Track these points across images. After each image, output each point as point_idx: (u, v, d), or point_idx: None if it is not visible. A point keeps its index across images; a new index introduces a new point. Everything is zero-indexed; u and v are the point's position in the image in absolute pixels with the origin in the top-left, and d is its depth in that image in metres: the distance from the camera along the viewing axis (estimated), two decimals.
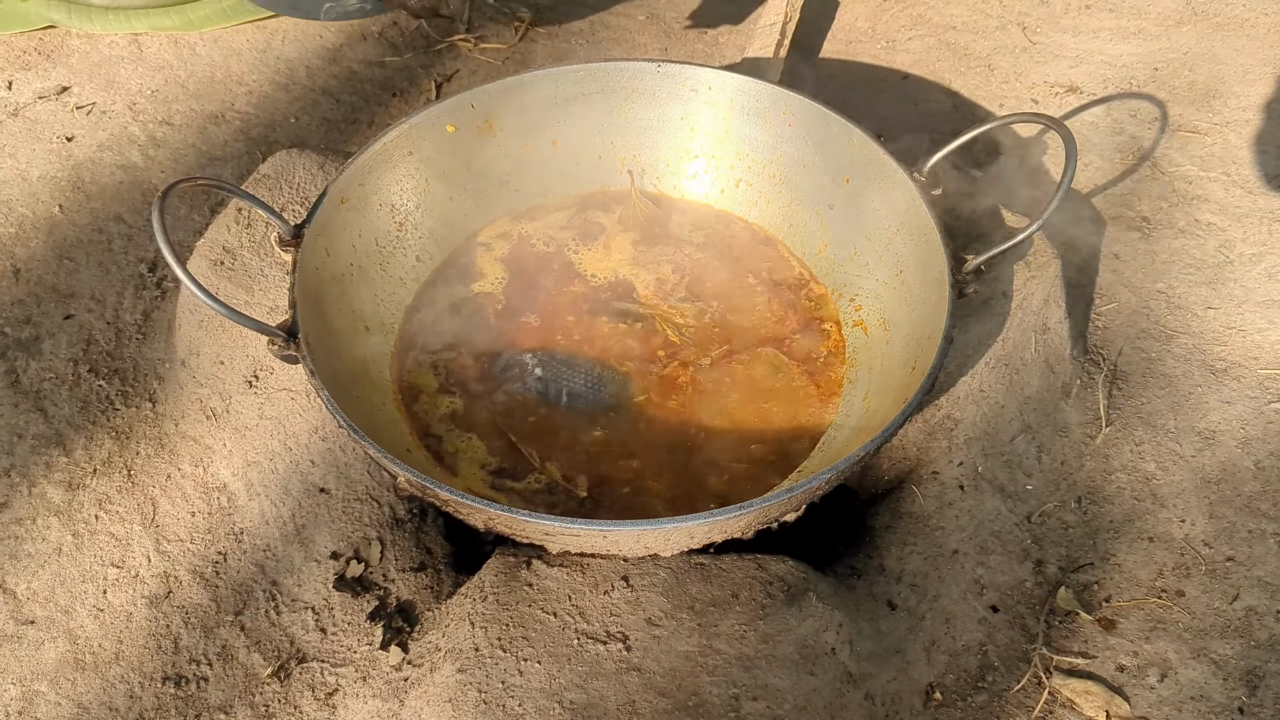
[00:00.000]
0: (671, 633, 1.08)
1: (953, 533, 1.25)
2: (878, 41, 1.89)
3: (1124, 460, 1.29)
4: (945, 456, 1.30)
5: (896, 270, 1.28)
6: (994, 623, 1.19)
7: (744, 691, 1.05)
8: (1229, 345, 1.36)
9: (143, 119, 1.76)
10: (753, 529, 1.06)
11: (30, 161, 1.68)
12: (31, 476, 1.32)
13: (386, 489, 1.28)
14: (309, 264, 1.18)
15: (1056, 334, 1.33)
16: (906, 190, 1.24)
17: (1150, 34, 1.78)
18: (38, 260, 1.55)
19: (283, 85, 1.84)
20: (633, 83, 1.42)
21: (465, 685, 1.05)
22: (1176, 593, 1.19)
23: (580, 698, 1.04)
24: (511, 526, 1.02)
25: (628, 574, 1.13)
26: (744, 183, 1.47)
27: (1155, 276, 1.44)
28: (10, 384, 1.41)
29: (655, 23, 1.98)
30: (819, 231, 1.41)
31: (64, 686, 1.17)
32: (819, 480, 0.99)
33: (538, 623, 1.09)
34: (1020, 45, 1.81)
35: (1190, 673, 1.13)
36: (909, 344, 1.21)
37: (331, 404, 1.03)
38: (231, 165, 1.71)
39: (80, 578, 1.24)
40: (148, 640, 1.20)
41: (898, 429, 1.02)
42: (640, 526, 0.98)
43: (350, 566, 1.23)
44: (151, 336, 1.46)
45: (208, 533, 1.27)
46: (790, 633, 1.09)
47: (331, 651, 1.19)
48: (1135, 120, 1.65)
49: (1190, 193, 1.53)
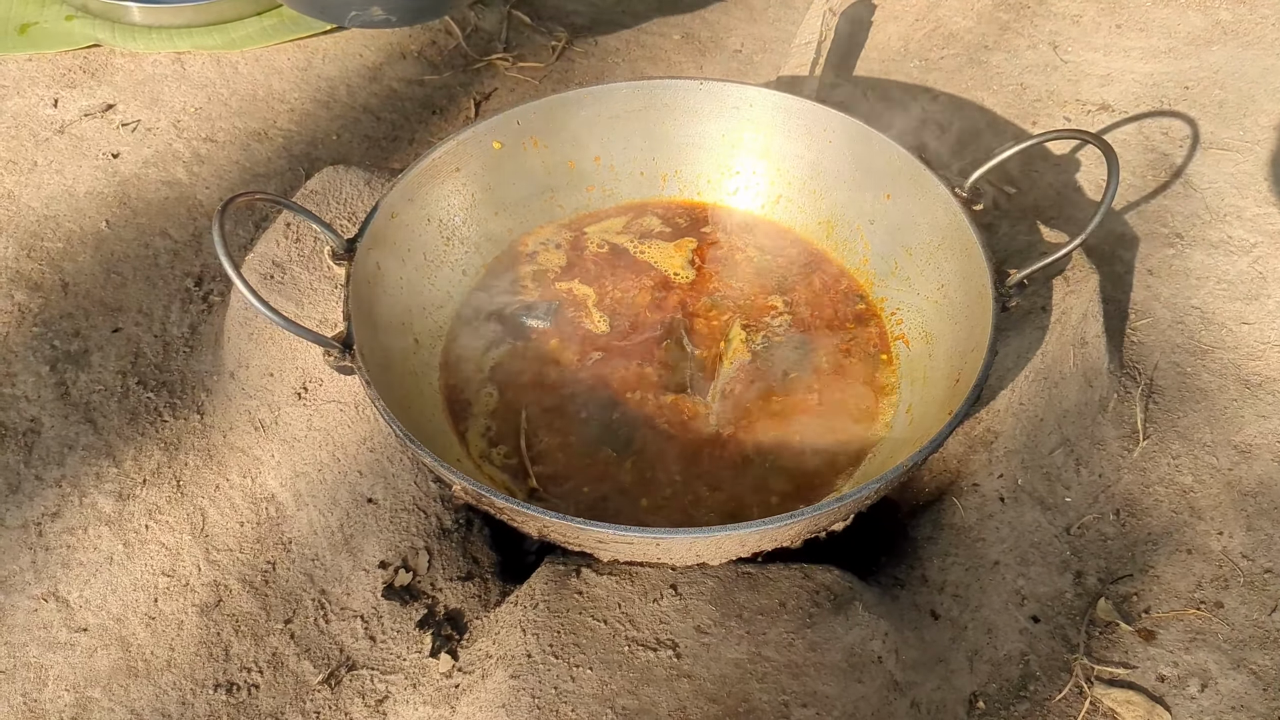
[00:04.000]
0: (721, 640, 1.10)
1: (993, 544, 1.26)
2: (910, 60, 1.91)
3: (1161, 473, 1.30)
4: (985, 469, 1.32)
5: (939, 284, 1.30)
6: (1035, 633, 1.20)
7: (793, 698, 1.06)
8: (1264, 360, 1.38)
9: (187, 136, 1.79)
10: (801, 538, 1.08)
11: (77, 178, 1.71)
12: (82, 487, 1.34)
13: (434, 499, 1.30)
14: (361, 277, 1.20)
15: (1094, 348, 1.34)
16: (949, 205, 1.26)
17: (1180, 53, 1.80)
18: (85, 275, 1.57)
19: (324, 103, 1.87)
20: (676, 100, 1.44)
21: (518, 691, 1.07)
22: (1215, 604, 1.20)
23: (632, 703, 1.05)
24: (565, 534, 1.04)
25: (676, 582, 1.14)
26: (784, 198, 1.49)
27: (1189, 292, 1.45)
28: (60, 396, 1.43)
29: (690, 42, 2.01)
30: (859, 246, 1.43)
31: (117, 693, 1.18)
32: (868, 489, 1.01)
33: (589, 630, 1.11)
34: (1052, 64, 1.83)
35: (1230, 683, 1.14)
36: (951, 357, 1.23)
37: (388, 414, 1.05)
38: (275, 181, 1.73)
39: (132, 586, 1.26)
40: (199, 648, 1.21)
41: (944, 439, 1.04)
42: (693, 534, 1.00)
43: (398, 575, 1.25)
44: (198, 349, 1.49)
45: (257, 542, 1.29)
46: (838, 641, 1.11)
47: (381, 659, 1.21)
48: (1166, 138, 1.66)
49: (1222, 209, 1.54)
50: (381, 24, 1.65)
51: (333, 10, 1.65)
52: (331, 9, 1.64)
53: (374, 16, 1.61)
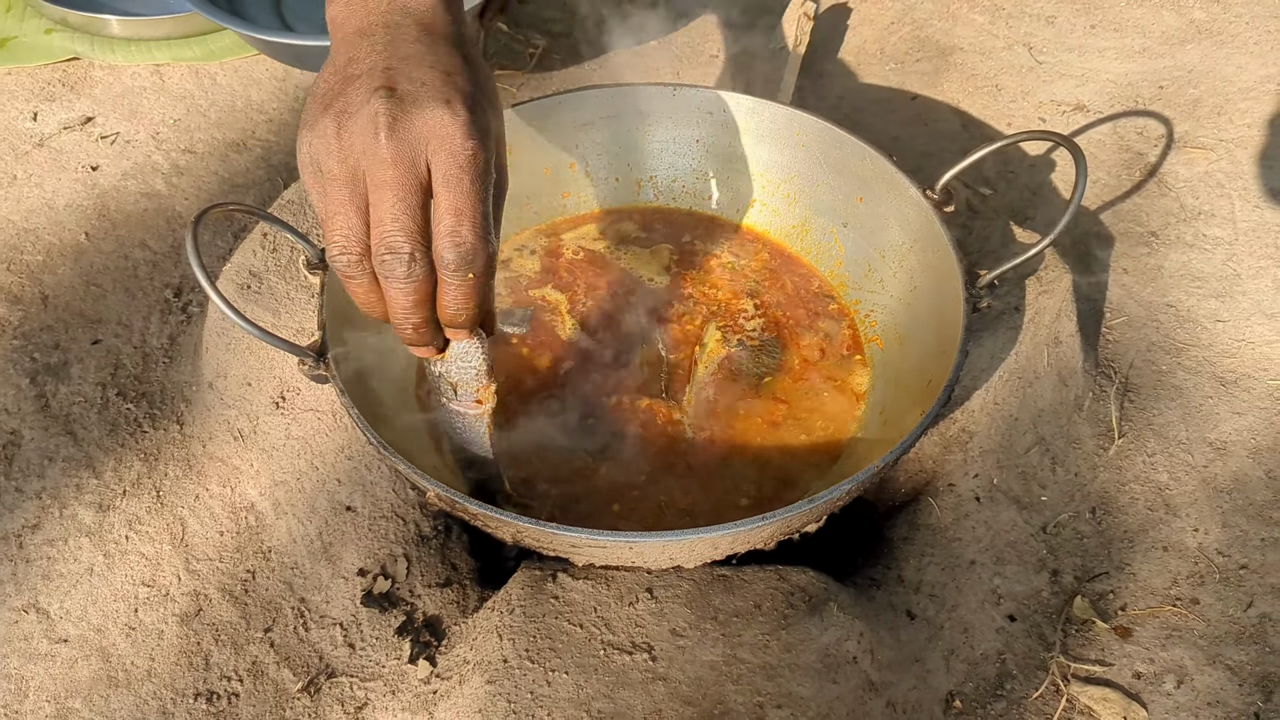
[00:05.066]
0: (696, 643, 1.10)
1: (969, 544, 1.27)
2: (886, 63, 1.92)
3: (1137, 471, 1.31)
4: (961, 469, 1.33)
5: (911, 286, 1.31)
6: (1012, 632, 1.21)
7: (768, 700, 1.07)
8: (1239, 357, 1.38)
9: (166, 148, 1.79)
10: (774, 540, 1.08)
11: (56, 190, 1.72)
12: (63, 498, 1.34)
13: (412, 506, 1.30)
14: (335, 285, 1.20)
15: (1068, 347, 1.35)
16: (920, 208, 1.27)
17: (1155, 52, 1.81)
18: (65, 287, 1.58)
19: (302, 113, 1.87)
20: (650, 105, 1.45)
21: (494, 696, 1.07)
22: (1191, 601, 1.20)
23: (608, 707, 1.06)
24: (539, 539, 1.04)
25: (652, 586, 1.15)
26: (758, 202, 1.50)
27: (1164, 290, 1.46)
28: (40, 408, 1.43)
29: (665, 48, 2.01)
30: (833, 249, 1.43)
31: (97, 703, 1.19)
32: (839, 491, 1.01)
33: (564, 634, 1.12)
34: (1027, 65, 1.84)
35: (1206, 679, 1.15)
36: (924, 358, 1.23)
37: (361, 422, 1.06)
38: (254, 192, 1.74)
39: (112, 597, 1.26)
40: (179, 657, 1.22)
41: (916, 440, 1.04)
42: (666, 538, 1.00)
43: (377, 583, 1.26)
44: (178, 360, 1.49)
45: (236, 551, 1.29)
46: (812, 642, 1.11)
47: (360, 666, 1.21)
48: (1141, 137, 1.67)
49: (1197, 208, 1.55)
50: None
51: (309, 60, 1.66)
52: (308, 58, 1.65)
53: None
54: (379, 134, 0.81)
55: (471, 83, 0.87)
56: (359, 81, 0.85)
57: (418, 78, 0.84)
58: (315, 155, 0.85)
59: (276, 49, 1.66)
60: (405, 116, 0.82)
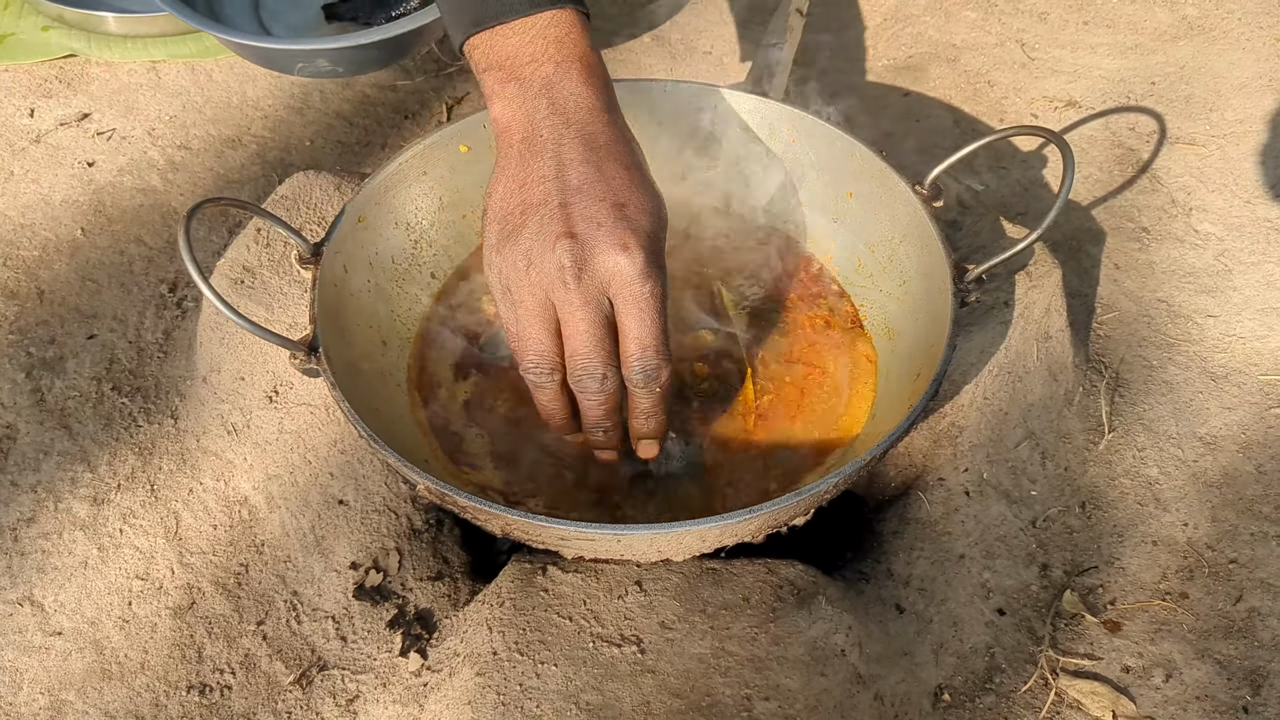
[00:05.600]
0: (684, 635, 1.11)
1: (959, 538, 1.28)
2: (878, 59, 1.93)
3: (1127, 466, 1.31)
4: (951, 463, 1.33)
5: (900, 281, 1.31)
6: (1001, 625, 1.21)
7: (756, 692, 1.07)
8: (1229, 352, 1.39)
9: (161, 144, 1.80)
10: (763, 533, 1.08)
11: (53, 186, 1.72)
12: (57, 492, 1.35)
13: (404, 500, 1.31)
14: (328, 281, 1.21)
15: (1058, 342, 1.36)
16: (909, 202, 1.27)
17: (1147, 49, 1.81)
18: (61, 282, 1.58)
19: (297, 109, 1.88)
20: (641, 101, 1.44)
21: (484, 688, 1.08)
22: (1180, 595, 1.21)
23: (596, 699, 1.06)
24: (528, 532, 1.05)
25: (641, 579, 1.15)
26: (749, 198, 1.49)
27: (1155, 286, 1.47)
28: (36, 403, 1.44)
29: (660, 44, 2.02)
30: (823, 244, 1.44)
31: (91, 696, 1.19)
32: (826, 484, 1.02)
33: (554, 627, 1.12)
34: (1019, 61, 1.84)
35: (1195, 673, 1.15)
36: (914, 352, 1.24)
37: (353, 415, 1.06)
38: (249, 187, 1.74)
39: (106, 590, 1.27)
40: (172, 650, 1.22)
41: (904, 434, 1.05)
42: (654, 530, 1.01)
43: (369, 576, 1.26)
44: (172, 355, 1.50)
45: (229, 545, 1.30)
46: (801, 635, 1.12)
47: (352, 659, 1.22)
48: (1134, 133, 1.68)
49: (1188, 203, 1.56)
50: (329, 75, 1.67)
51: (280, 62, 1.66)
52: (279, 61, 1.66)
53: (320, 69, 1.63)
54: (567, 282, 0.94)
55: (641, 211, 0.97)
56: (538, 215, 0.96)
57: (593, 217, 0.95)
58: (506, 281, 0.99)
59: (247, 51, 1.66)
60: (589, 265, 0.94)
